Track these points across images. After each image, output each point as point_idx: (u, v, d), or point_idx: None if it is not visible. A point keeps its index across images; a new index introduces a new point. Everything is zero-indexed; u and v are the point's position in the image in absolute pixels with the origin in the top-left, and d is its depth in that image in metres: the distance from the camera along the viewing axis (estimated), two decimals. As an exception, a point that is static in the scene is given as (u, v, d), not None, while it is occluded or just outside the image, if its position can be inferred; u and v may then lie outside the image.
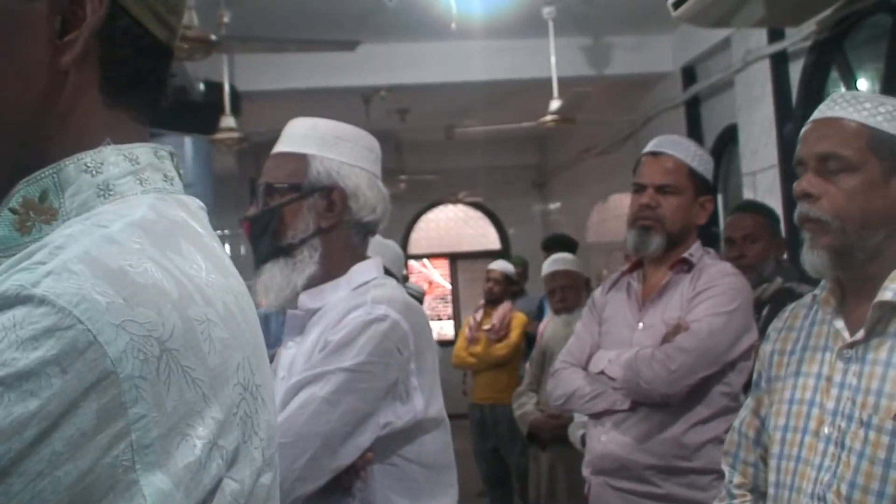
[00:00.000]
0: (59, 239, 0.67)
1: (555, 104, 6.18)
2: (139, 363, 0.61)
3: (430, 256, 12.40)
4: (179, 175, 0.81)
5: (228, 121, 6.34)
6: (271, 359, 1.72)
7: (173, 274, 0.67)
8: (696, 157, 2.55)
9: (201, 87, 6.87)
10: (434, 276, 12.47)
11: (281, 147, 1.86)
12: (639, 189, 2.55)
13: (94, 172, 0.73)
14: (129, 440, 0.60)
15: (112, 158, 0.74)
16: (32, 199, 0.73)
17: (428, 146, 10.32)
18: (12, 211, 0.73)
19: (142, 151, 0.77)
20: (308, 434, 1.58)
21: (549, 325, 5.00)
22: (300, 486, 1.56)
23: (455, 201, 12.11)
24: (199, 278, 0.70)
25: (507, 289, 6.32)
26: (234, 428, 0.68)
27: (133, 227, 0.69)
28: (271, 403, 0.77)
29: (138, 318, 0.62)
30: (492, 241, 12.41)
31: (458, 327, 10.97)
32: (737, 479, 1.78)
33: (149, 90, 0.80)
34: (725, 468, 1.82)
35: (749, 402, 1.80)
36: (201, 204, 0.82)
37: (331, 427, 1.59)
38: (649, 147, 2.62)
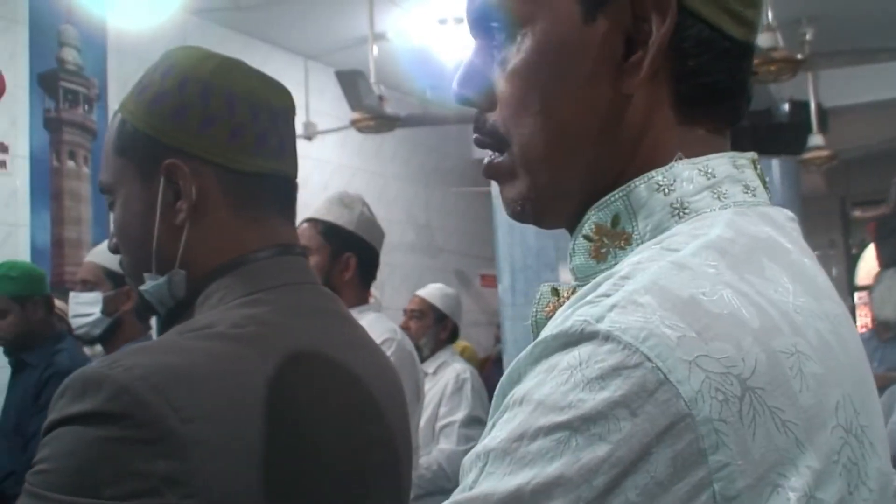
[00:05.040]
0: (626, 268, 0.62)
1: None
2: (718, 404, 0.53)
3: None
4: (764, 184, 0.72)
5: (816, 139, 6.14)
6: None
7: (754, 300, 0.59)
8: None
9: (786, 107, 6.76)
10: None
11: None
12: None
13: (666, 191, 0.67)
14: (711, 491, 0.53)
15: (685, 174, 0.68)
16: (605, 225, 0.69)
17: None
18: (586, 238, 0.70)
19: (718, 163, 0.69)
20: None
21: None
22: None
23: None
24: (785, 303, 0.60)
25: None
26: (835, 478, 0.57)
27: (707, 249, 0.62)
28: (881, 447, 0.64)
29: (714, 353, 0.55)
30: None
31: None
32: None
33: (728, 96, 0.71)
34: None
35: None
36: (791, 215, 0.72)
37: None
38: None
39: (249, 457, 0.88)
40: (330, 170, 7.20)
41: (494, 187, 3.21)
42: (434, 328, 4.02)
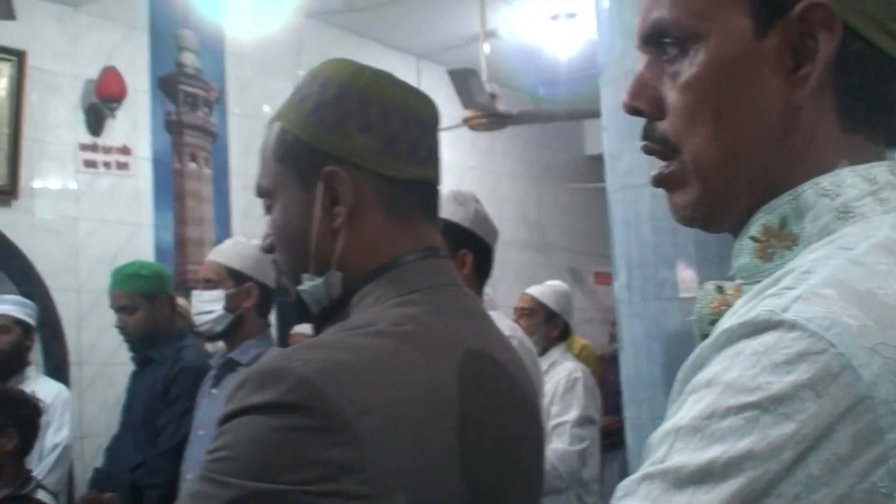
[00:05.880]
0: (805, 264, 0.68)
1: None
2: (893, 387, 0.59)
3: None
4: None
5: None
6: None
7: None
8: None
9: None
10: None
11: None
12: None
13: (832, 196, 0.73)
14: (887, 467, 0.57)
15: (849, 181, 0.74)
16: (772, 227, 0.75)
17: None
18: (753, 239, 0.76)
19: (879, 171, 0.74)
20: None
21: None
22: None
23: None
24: None
25: None
26: None
27: (878, 248, 0.67)
28: None
29: (891, 341, 0.60)
30: None
31: None
32: None
33: (887, 108, 0.78)
34: None
35: None
36: None
37: None
38: None
39: (414, 447, 0.93)
40: (442, 168, 7.22)
41: (610, 183, 3.16)
42: (544, 326, 3.97)
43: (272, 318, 3.24)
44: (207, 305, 2.94)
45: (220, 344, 3.15)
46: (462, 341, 1.04)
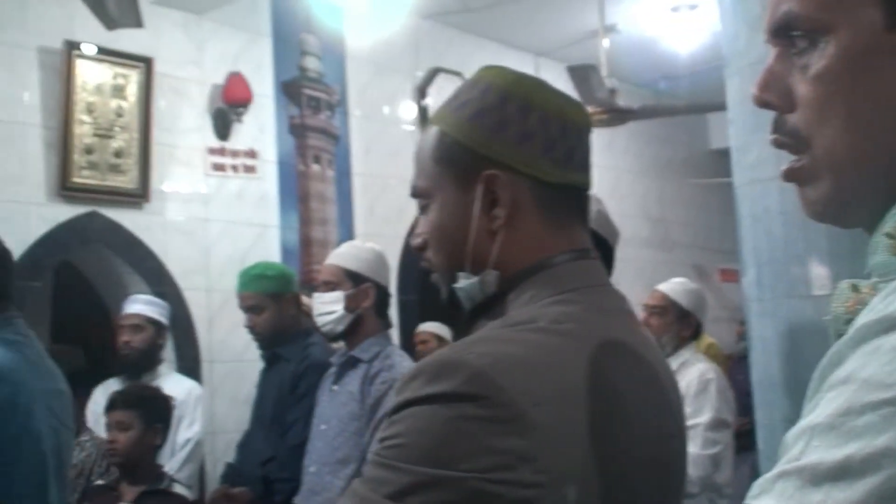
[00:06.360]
0: None
1: None
2: None
3: None
4: None
5: None
6: None
7: None
8: None
9: None
10: None
11: None
12: None
13: None
14: None
15: None
16: None
17: None
18: (888, 236, 0.74)
19: None
20: None
21: None
22: None
23: None
24: None
25: None
26: None
27: None
28: None
29: None
30: None
31: None
32: None
33: None
34: None
35: None
36: None
37: None
38: None
39: (581, 441, 0.96)
40: (562, 165, 7.16)
41: (737, 177, 3.07)
42: (676, 325, 3.87)
43: (394, 317, 3.27)
44: (328, 307, 3.02)
45: (342, 343, 3.21)
46: (617, 340, 1.07)
